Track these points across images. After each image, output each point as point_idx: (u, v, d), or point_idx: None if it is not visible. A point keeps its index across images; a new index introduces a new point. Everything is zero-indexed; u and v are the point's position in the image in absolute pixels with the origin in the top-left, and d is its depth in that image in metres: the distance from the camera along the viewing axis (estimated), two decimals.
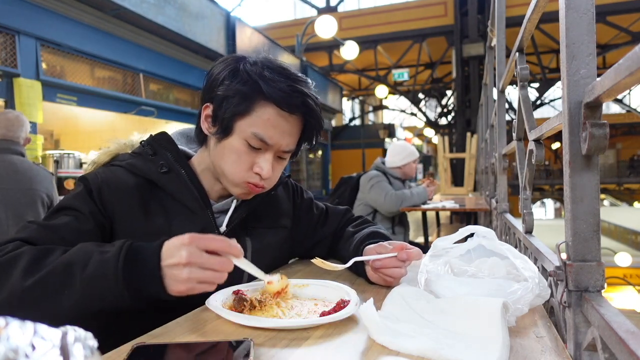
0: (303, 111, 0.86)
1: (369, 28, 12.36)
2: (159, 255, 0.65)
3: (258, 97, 0.83)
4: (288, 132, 0.86)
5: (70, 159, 3.78)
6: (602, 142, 0.50)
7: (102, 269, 0.64)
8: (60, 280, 0.65)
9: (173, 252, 0.64)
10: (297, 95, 0.83)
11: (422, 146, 23.43)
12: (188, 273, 0.63)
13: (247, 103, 0.83)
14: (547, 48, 12.13)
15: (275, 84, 0.82)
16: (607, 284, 6.16)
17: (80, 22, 4.31)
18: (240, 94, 0.83)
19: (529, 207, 0.98)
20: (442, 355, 0.51)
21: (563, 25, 0.56)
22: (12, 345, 0.23)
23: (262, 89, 0.81)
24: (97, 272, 0.64)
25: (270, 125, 0.84)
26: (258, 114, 0.83)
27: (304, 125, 0.90)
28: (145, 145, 0.93)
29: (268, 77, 0.82)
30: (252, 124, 0.83)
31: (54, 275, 0.65)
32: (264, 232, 1.00)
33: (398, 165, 3.40)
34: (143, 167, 0.88)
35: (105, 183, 0.85)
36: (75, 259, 0.66)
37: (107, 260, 0.65)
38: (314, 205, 1.15)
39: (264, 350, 0.56)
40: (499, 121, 1.91)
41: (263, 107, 0.83)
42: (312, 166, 11.79)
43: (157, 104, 5.44)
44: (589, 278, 0.54)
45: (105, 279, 0.64)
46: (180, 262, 0.63)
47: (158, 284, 0.64)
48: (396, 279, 0.86)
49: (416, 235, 6.07)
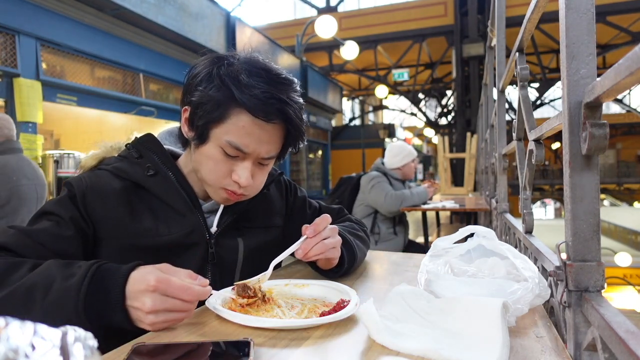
0: (282, 119, 0.81)
1: (369, 28, 12.36)
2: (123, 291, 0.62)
3: (231, 104, 0.78)
4: (266, 140, 0.82)
5: (70, 159, 3.78)
6: (602, 142, 0.50)
7: (63, 298, 0.62)
8: (22, 304, 0.64)
9: (137, 295, 0.61)
10: (274, 102, 0.78)
11: (422, 146, 23.42)
12: (154, 318, 0.61)
13: (220, 110, 0.79)
14: (547, 48, 12.13)
15: (250, 90, 0.77)
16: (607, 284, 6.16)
17: (80, 22, 4.32)
18: (213, 101, 0.79)
19: (529, 207, 0.98)
20: (442, 355, 0.51)
21: (563, 25, 0.56)
22: (12, 345, 0.23)
23: (234, 95, 0.77)
24: (58, 300, 0.62)
25: (245, 133, 0.79)
26: (232, 122, 0.79)
27: (286, 132, 0.85)
28: (131, 148, 0.91)
29: (243, 83, 0.77)
30: (227, 132, 0.79)
31: (15, 297, 0.64)
32: (257, 232, 0.98)
33: (397, 166, 3.40)
34: (129, 170, 0.86)
35: (90, 188, 0.83)
36: (38, 282, 0.64)
37: (69, 287, 0.63)
38: (307, 204, 1.13)
39: (264, 350, 0.56)
40: (499, 121, 1.91)
41: (237, 114, 0.78)
42: (312, 166, 11.79)
43: (157, 104, 5.44)
44: (589, 278, 0.54)
45: (66, 310, 0.62)
46: (142, 309, 0.61)
47: (122, 317, 0.62)
48: (328, 252, 0.83)
49: (416, 235, 6.08)
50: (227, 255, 0.91)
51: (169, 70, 5.54)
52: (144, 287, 0.61)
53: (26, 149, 3.74)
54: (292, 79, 0.84)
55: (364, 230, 1.12)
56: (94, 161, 0.94)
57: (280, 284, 0.84)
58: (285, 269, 1.07)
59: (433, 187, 3.55)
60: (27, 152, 3.75)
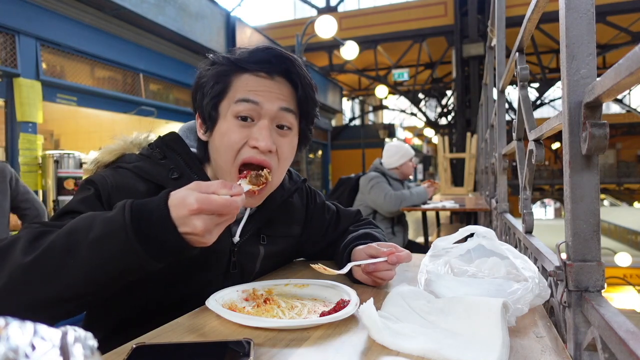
0: (283, 69, 0.81)
1: (369, 28, 12.35)
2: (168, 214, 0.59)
3: (230, 71, 0.81)
4: (276, 92, 0.81)
5: (70, 159, 3.77)
6: (602, 142, 0.50)
7: (109, 229, 0.59)
8: (65, 249, 0.59)
9: (184, 221, 0.59)
10: (271, 53, 0.80)
11: (422, 146, 23.41)
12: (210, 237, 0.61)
13: (222, 82, 0.81)
14: (547, 48, 12.12)
15: (248, 54, 0.81)
16: (607, 284, 6.17)
17: (80, 22, 4.31)
18: (213, 77, 0.81)
19: (529, 207, 0.98)
20: (442, 355, 0.51)
21: (563, 25, 0.56)
22: (12, 345, 0.23)
23: (234, 63, 0.80)
24: (104, 232, 0.59)
25: (252, 88, 0.80)
26: (236, 85, 0.81)
27: (294, 89, 0.84)
28: (154, 147, 0.86)
29: (239, 53, 0.81)
30: (233, 97, 0.80)
31: (55, 247, 0.59)
32: (277, 241, 0.98)
33: (395, 165, 3.40)
34: (152, 171, 0.82)
35: (116, 188, 0.78)
36: (77, 225, 0.61)
37: (112, 217, 0.60)
38: (326, 209, 1.13)
39: (264, 350, 0.56)
40: (499, 121, 1.91)
41: (238, 77, 0.81)
42: (312, 166, 11.79)
43: (157, 104, 5.43)
44: (589, 278, 0.54)
45: (115, 238, 0.58)
46: (195, 232, 0.59)
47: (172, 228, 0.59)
48: (386, 281, 0.86)
49: (416, 235, 6.07)
50: (247, 263, 0.91)
51: (169, 70, 5.54)
52: (187, 211, 0.58)
53: (26, 149, 3.74)
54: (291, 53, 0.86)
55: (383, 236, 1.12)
56: (112, 157, 0.89)
57: (280, 284, 0.84)
58: (285, 269, 1.07)
59: (433, 187, 3.55)
60: (27, 152, 3.76)
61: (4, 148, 3.81)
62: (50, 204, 3.70)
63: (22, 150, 3.72)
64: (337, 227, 1.12)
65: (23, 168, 3.70)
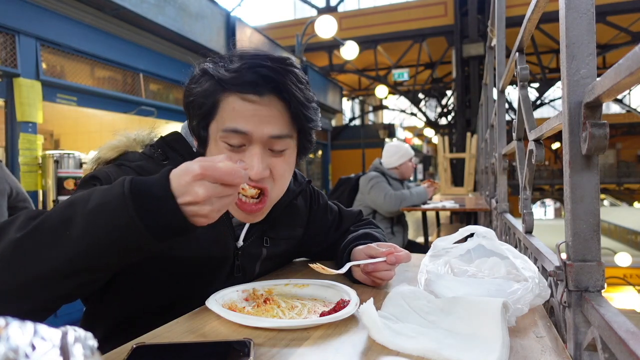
0: (272, 88, 0.73)
1: (369, 28, 12.35)
2: (169, 187, 0.56)
3: (217, 90, 0.74)
4: (266, 118, 0.74)
5: (70, 159, 3.77)
6: (602, 142, 0.50)
7: (106, 197, 0.56)
8: (60, 221, 0.56)
9: (187, 188, 0.55)
10: (259, 70, 0.71)
11: (422, 146, 23.40)
12: (209, 208, 0.56)
13: (209, 102, 0.74)
14: (547, 48, 12.12)
15: (233, 70, 0.72)
16: (607, 284, 6.16)
17: (80, 22, 4.31)
18: (200, 95, 0.75)
19: (529, 207, 0.98)
20: (442, 356, 0.51)
21: (563, 25, 0.56)
22: (12, 345, 0.23)
23: (218, 81, 0.73)
24: (101, 203, 0.55)
25: (240, 115, 0.73)
26: (224, 109, 0.74)
27: (287, 107, 0.76)
28: (156, 148, 0.84)
29: (226, 67, 0.73)
30: (222, 121, 0.74)
31: (51, 219, 0.56)
32: (280, 243, 0.98)
33: (394, 165, 3.40)
34: (154, 172, 0.76)
35: None
36: (75, 199, 0.58)
37: (109, 190, 0.57)
38: (329, 210, 1.13)
39: (264, 350, 0.56)
40: (499, 121, 1.91)
41: (225, 99, 0.74)
42: (312, 166, 11.79)
43: (157, 104, 5.43)
44: (589, 278, 0.54)
45: (111, 205, 0.55)
46: (196, 199, 0.55)
47: (175, 215, 0.55)
48: (385, 282, 0.86)
49: (416, 235, 6.07)
50: (249, 265, 0.91)
51: (169, 70, 5.54)
52: (191, 178, 0.55)
53: (26, 149, 3.74)
54: (287, 57, 0.77)
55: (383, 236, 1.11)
56: (114, 153, 0.86)
57: (280, 284, 0.84)
58: (285, 269, 1.07)
59: (432, 187, 3.55)
60: (27, 152, 3.75)
61: (4, 148, 3.81)
62: (50, 204, 3.70)
63: (22, 150, 3.71)
64: (339, 227, 1.12)
65: (23, 168, 3.70)
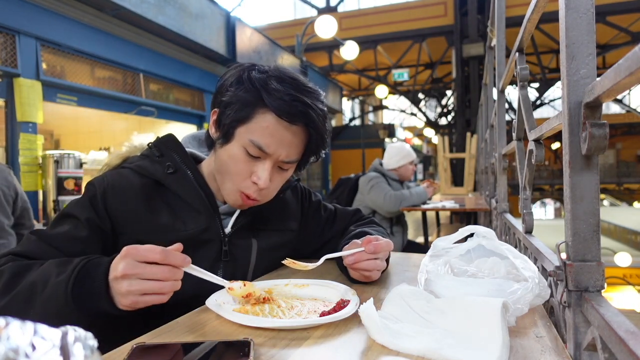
0: (304, 122, 0.84)
1: (369, 28, 12.34)
2: (107, 271, 0.66)
3: (258, 104, 0.82)
4: (288, 143, 0.84)
5: (70, 159, 3.77)
6: (602, 142, 0.50)
7: (55, 291, 0.67)
8: (25, 300, 0.69)
9: (114, 265, 0.65)
10: (298, 104, 0.81)
11: (422, 146, 23.41)
12: (127, 286, 0.63)
13: (247, 110, 0.83)
14: (547, 48, 12.11)
15: (277, 93, 0.81)
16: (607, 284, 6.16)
17: (80, 22, 4.31)
18: (241, 101, 0.83)
19: (529, 207, 0.98)
20: (442, 355, 0.51)
21: (563, 25, 0.56)
22: (12, 345, 0.23)
23: (261, 97, 0.81)
24: (51, 294, 0.67)
25: (269, 134, 0.82)
26: (257, 121, 0.82)
27: (308, 138, 0.88)
28: (152, 147, 0.94)
29: (271, 86, 0.81)
30: (251, 131, 0.83)
31: (21, 295, 0.69)
32: (271, 234, 1.01)
33: (394, 167, 3.40)
34: (150, 168, 0.90)
35: (110, 185, 0.86)
36: (37, 280, 0.70)
37: (59, 282, 0.67)
38: (322, 208, 1.16)
39: (264, 350, 0.56)
40: (498, 121, 1.91)
41: (263, 114, 0.82)
42: (312, 166, 11.79)
43: (157, 104, 5.43)
44: (589, 278, 0.54)
45: (58, 301, 0.66)
46: (116, 275, 0.63)
47: (106, 301, 0.65)
48: (372, 272, 0.86)
49: (416, 235, 6.07)
50: (240, 254, 0.94)
51: (169, 70, 5.54)
52: (118, 256, 0.65)
53: (26, 149, 3.75)
54: (318, 90, 0.88)
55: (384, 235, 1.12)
56: (119, 160, 0.98)
57: (280, 284, 0.84)
58: (285, 268, 1.07)
59: (432, 187, 3.54)
60: (27, 152, 3.76)
61: (4, 148, 3.81)
62: (50, 204, 3.70)
63: (22, 150, 3.72)
64: (334, 225, 1.14)
65: (23, 168, 3.70)
